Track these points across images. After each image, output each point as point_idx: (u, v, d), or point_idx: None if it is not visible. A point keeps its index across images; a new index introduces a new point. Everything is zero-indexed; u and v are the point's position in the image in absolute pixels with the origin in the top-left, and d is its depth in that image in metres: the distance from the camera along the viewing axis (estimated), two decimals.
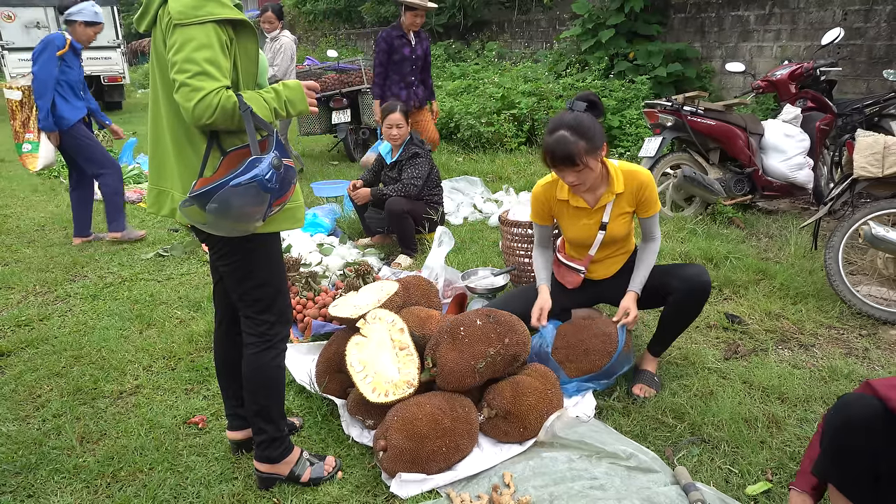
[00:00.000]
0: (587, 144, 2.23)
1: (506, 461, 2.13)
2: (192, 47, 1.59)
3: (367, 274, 3.38)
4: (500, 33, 11.30)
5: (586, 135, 2.23)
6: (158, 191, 1.85)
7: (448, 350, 2.22)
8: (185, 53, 1.59)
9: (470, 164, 6.95)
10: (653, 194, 2.47)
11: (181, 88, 1.60)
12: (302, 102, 1.84)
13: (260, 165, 1.58)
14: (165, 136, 1.79)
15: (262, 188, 1.58)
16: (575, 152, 2.21)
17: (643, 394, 2.48)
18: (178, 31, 1.60)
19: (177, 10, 1.59)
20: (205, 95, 1.59)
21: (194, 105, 1.59)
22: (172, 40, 1.61)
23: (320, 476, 2.05)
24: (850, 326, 3.08)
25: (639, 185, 2.45)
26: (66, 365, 2.85)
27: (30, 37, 12.52)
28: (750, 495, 1.96)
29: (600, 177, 2.43)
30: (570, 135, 2.23)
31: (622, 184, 2.44)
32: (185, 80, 1.59)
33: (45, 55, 4.21)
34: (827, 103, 4.78)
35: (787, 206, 5.10)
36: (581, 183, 2.33)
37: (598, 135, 2.27)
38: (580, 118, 2.27)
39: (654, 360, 2.62)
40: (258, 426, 1.97)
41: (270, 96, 1.78)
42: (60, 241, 4.76)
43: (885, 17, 6.22)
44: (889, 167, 3.05)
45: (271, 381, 1.96)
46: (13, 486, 2.07)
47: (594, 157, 2.27)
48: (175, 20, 1.59)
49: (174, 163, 1.78)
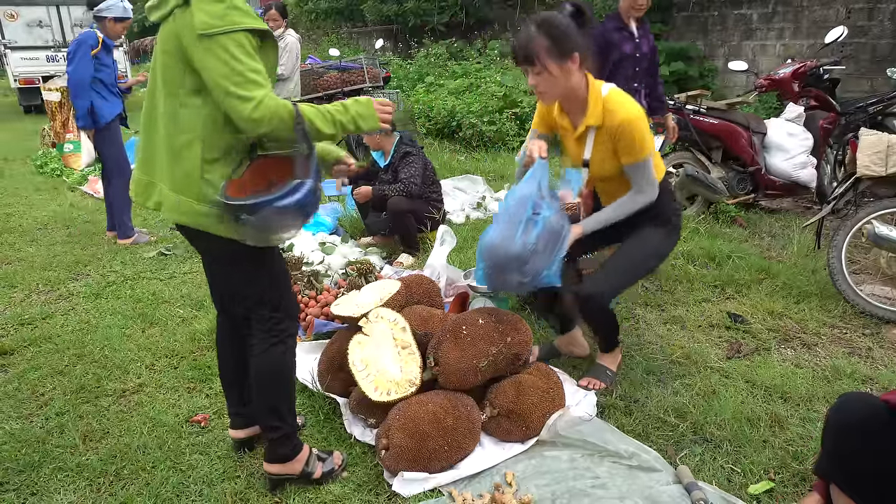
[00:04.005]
0: (551, 46, 2.09)
1: (508, 460, 2.13)
2: (230, 57, 1.56)
3: (369, 273, 3.39)
4: (503, 32, 11.28)
5: (552, 34, 2.09)
6: (148, 181, 1.80)
7: (450, 349, 2.22)
8: (225, 64, 1.56)
9: (472, 162, 6.95)
10: (632, 138, 2.21)
11: (232, 99, 1.58)
12: (373, 118, 1.82)
13: (303, 190, 1.60)
14: (159, 130, 1.76)
15: (304, 214, 1.64)
16: (534, 51, 2.09)
17: (592, 386, 2.48)
18: (209, 43, 1.56)
19: (201, 20, 1.55)
20: (259, 103, 1.58)
21: (253, 113, 1.58)
22: (205, 53, 1.57)
23: (332, 470, 2.04)
24: (853, 326, 3.07)
25: (618, 123, 2.21)
26: (69, 363, 2.86)
27: (32, 36, 12.56)
28: (752, 494, 1.95)
29: (578, 100, 2.27)
30: (535, 30, 2.10)
31: (599, 116, 2.24)
32: (235, 90, 1.57)
33: (79, 55, 4.24)
34: (830, 102, 4.77)
35: (789, 206, 5.09)
36: (543, 91, 2.20)
37: (569, 39, 2.11)
38: (554, 18, 2.12)
39: (604, 354, 2.58)
40: (271, 424, 1.94)
41: (337, 110, 1.76)
42: (63, 239, 4.77)
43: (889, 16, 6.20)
44: (893, 166, 3.04)
45: (282, 377, 1.94)
46: (17, 485, 2.08)
47: (557, 63, 2.12)
48: (200, 30, 1.55)
49: (165, 158, 1.75)
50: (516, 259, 2.10)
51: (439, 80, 9.58)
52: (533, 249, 2.09)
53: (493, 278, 2.20)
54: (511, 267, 2.12)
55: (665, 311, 3.25)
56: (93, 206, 5.72)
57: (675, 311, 3.24)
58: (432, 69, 10.42)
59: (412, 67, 10.78)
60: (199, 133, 1.69)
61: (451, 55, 11.30)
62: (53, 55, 12.58)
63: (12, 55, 12.34)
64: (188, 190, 1.71)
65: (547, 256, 2.15)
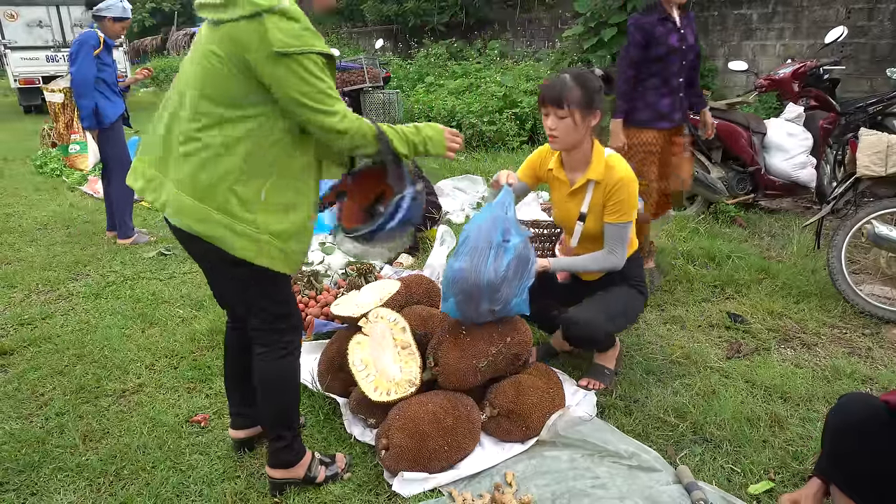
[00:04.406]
0: (582, 96, 2.22)
1: (508, 460, 2.13)
2: (309, 75, 1.58)
3: (368, 273, 3.39)
4: (503, 32, 11.29)
5: (586, 87, 2.23)
6: (160, 180, 1.71)
7: (450, 349, 2.22)
8: (305, 82, 1.58)
9: (472, 162, 6.95)
10: (626, 196, 2.32)
11: (317, 114, 1.62)
12: (441, 145, 1.90)
13: (405, 205, 1.75)
14: (182, 130, 1.68)
15: (411, 225, 1.81)
16: (565, 95, 2.21)
17: (591, 386, 2.49)
18: (286, 61, 1.55)
19: (278, 38, 1.54)
20: (344, 116, 1.65)
21: (339, 125, 1.65)
22: (283, 70, 1.56)
23: (336, 474, 2.04)
24: (853, 326, 3.07)
25: (617, 180, 2.32)
26: (69, 363, 2.86)
27: (32, 36, 12.56)
28: (752, 494, 1.95)
29: (583, 155, 2.37)
30: (570, 80, 2.24)
31: (601, 172, 2.34)
32: (319, 106, 1.61)
33: (81, 55, 4.23)
34: (830, 102, 4.77)
35: (789, 206, 5.09)
36: (558, 136, 2.28)
37: (597, 98, 2.25)
38: (589, 76, 2.27)
39: (601, 353, 2.58)
40: (277, 432, 1.93)
41: (410, 130, 1.83)
42: (63, 239, 4.77)
43: (889, 16, 6.21)
44: (892, 166, 3.04)
45: (290, 385, 1.94)
46: (17, 485, 2.08)
47: (582, 115, 2.24)
48: (277, 48, 1.53)
49: (186, 161, 1.66)
50: (488, 287, 2.10)
51: (439, 81, 9.58)
52: (504, 276, 2.09)
53: (465, 308, 2.19)
54: (483, 295, 2.12)
55: (665, 311, 3.25)
56: (92, 206, 5.71)
57: (675, 311, 3.24)
58: (432, 69, 10.42)
59: (412, 67, 10.79)
60: (240, 143, 1.63)
61: (451, 55, 11.30)
62: (53, 55, 12.58)
63: (12, 55, 12.34)
64: (210, 198, 1.65)
65: (516, 283, 2.17)
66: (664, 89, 3.37)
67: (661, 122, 3.39)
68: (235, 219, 1.66)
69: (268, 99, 1.63)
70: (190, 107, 1.66)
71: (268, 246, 1.69)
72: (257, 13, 1.54)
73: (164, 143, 1.72)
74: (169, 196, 1.69)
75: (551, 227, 3.19)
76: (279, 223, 1.70)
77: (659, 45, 3.30)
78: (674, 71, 3.35)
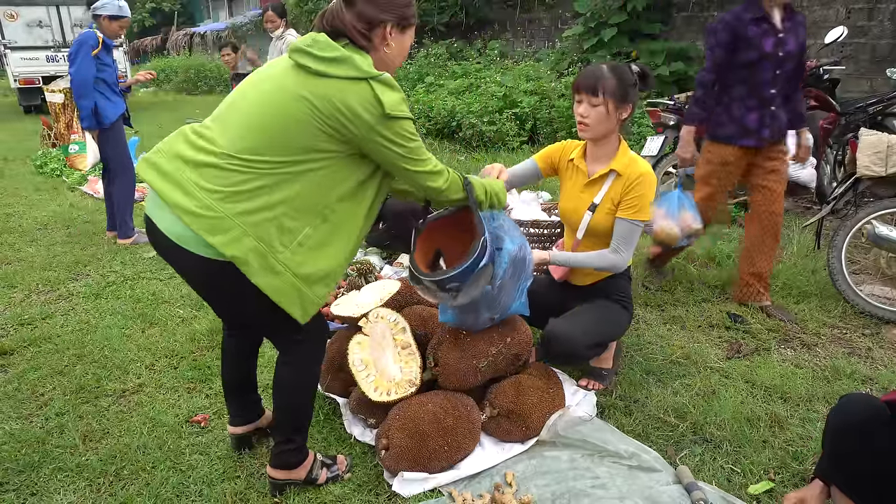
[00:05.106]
0: (617, 87, 2.25)
1: (508, 460, 2.13)
2: (414, 138, 1.71)
3: (369, 273, 3.39)
4: (503, 32, 11.28)
5: (621, 80, 2.26)
6: (176, 181, 1.59)
7: (450, 349, 2.22)
8: (411, 144, 1.71)
9: (472, 162, 6.95)
10: (643, 193, 2.30)
11: (423, 175, 1.78)
12: (501, 204, 2.10)
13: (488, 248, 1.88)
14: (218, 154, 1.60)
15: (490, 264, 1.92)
16: (601, 83, 2.24)
17: (591, 387, 2.50)
18: (392, 123, 1.64)
19: (391, 102, 1.62)
20: (442, 172, 1.83)
21: (444, 185, 1.83)
22: (394, 131, 1.65)
23: (337, 475, 2.05)
24: (853, 326, 3.08)
25: (638, 174, 2.31)
26: (69, 364, 2.86)
27: (32, 36, 12.57)
28: (752, 494, 1.95)
29: (608, 148, 2.38)
30: (608, 70, 2.27)
31: (625, 165, 2.34)
32: (423, 168, 1.76)
33: (80, 55, 4.23)
34: (830, 102, 4.77)
35: (789, 206, 5.09)
36: (589, 123, 2.29)
37: (631, 92, 2.28)
38: (625, 69, 2.30)
39: (597, 357, 2.55)
40: (287, 435, 1.94)
41: (482, 184, 2.01)
42: (63, 239, 4.77)
43: (889, 16, 6.20)
44: (892, 166, 3.04)
45: (305, 391, 1.93)
46: (16, 485, 2.08)
47: (615, 105, 2.27)
48: (389, 111, 1.61)
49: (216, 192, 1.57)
50: (486, 298, 2.09)
51: (439, 81, 9.58)
52: (500, 286, 2.08)
53: (464, 318, 2.21)
54: (481, 306, 2.13)
55: (665, 311, 3.25)
56: (92, 206, 5.72)
57: (675, 311, 3.24)
58: (432, 69, 10.42)
59: (412, 67, 10.79)
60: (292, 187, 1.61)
61: (451, 55, 11.30)
62: (53, 55, 12.59)
63: (12, 55, 12.35)
64: (245, 216, 1.58)
65: (514, 288, 2.17)
66: (752, 101, 2.98)
67: (746, 139, 3.03)
68: (269, 248, 1.59)
69: (338, 153, 1.66)
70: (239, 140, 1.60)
71: (288, 286, 1.63)
72: (363, 78, 1.60)
73: (194, 160, 1.61)
74: (186, 200, 1.56)
75: (551, 227, 3.19)
76: (309, 265, 1.65)
77: (750, 48, 2.90)
78: (765, 80, 2.94)
